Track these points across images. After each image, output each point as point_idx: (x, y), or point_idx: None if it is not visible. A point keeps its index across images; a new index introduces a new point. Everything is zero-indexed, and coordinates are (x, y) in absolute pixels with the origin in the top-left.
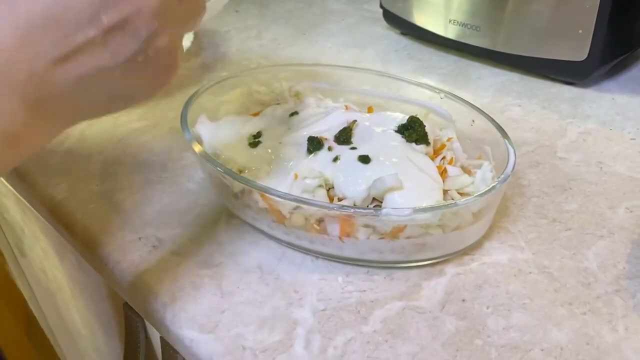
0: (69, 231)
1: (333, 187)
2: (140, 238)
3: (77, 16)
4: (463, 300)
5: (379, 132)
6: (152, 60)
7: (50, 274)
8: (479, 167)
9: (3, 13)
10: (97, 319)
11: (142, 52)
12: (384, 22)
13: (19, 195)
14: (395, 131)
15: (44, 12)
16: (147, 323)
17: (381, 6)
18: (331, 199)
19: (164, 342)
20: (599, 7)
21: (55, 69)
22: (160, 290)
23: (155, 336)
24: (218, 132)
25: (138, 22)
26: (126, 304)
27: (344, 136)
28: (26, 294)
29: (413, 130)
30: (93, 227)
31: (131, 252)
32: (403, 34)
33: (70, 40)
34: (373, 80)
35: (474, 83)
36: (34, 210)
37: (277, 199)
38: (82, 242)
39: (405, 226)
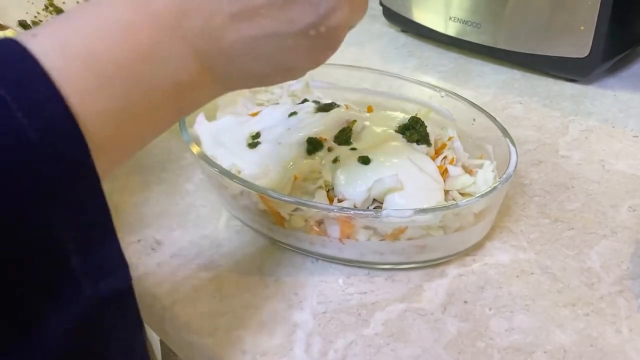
0: None
1: (333, 188)
2: (139, 240)
3: None
4: (465, 302)
5: (379, 132)
6: (322, 37)
7: None
8: (481, 166)
9: None
10: None
11: (316, 26)
12: (384, 20)
13: None
14: (396, 131)
15: None
16: (146, 326)
17: (381, 3)
18: (331, 200)
19: (164, 345)
20: (601, 3)
21: (230, 25)
22: (159, 293)
23: (155, 339)
24: (216, 133)
25: None
26: None
27: (344, 136)
28: None
29: (414, 131)
30: None
31: (130, 254)
32: (403, 31)
33: (252, 1)
34: (373, 79)
35: (475, 81)
36: None
37: (276, 200)
38: None
39: (406, 227)
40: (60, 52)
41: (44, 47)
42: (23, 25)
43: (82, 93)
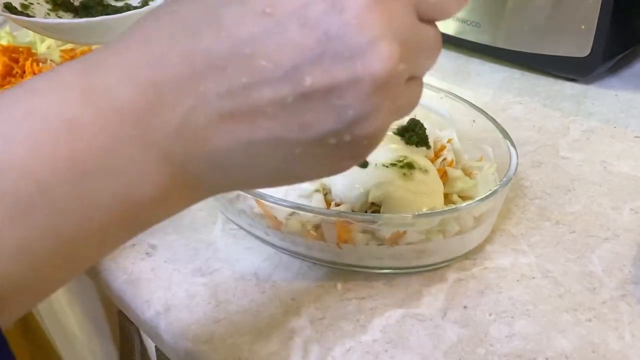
0: None
1: (330, 192)
2: (133, 245)
3: (273, 65)
4: (465, 307)
5: None
6: (344, 147)
7: None
8: (480, 168)
9: (175, 37)
10: (92, 324)
11: (337, 136)
12: None
13: None
14: (395, 133)
15: (230, 48)
16: (142, 332)
17: None
18: (328, 204)
19: (159, 352)
20: (602, 1)
21: (220, 125)
22: (154, 298)
23: (151, 344)
24: None
25: (349, 97)
26: (120, 312)
27: None
28: None
29: (414, 133)
30: None
31: (124, 259)
32: None
33: (254, 94)
34: None
35: (474, 80)
36: None
37: (273, 204)
38: None
39: (405, 232)
40: None
41: None
42: (9, 7)
43: None
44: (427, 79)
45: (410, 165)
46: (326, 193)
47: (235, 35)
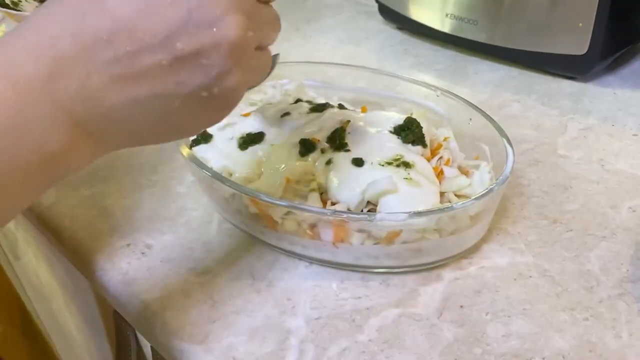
0: (56, 237)
1: (326, 191)
2: (128, 244)
3: (149, 36)
4: (461, 307)
5: (373, 133)
6: (214, 98)
7: (43, 278)
8: (477, 167)
9: (67, 20)
10: (89, 324)
11: (208, 88)
12: (380, 17)
13: None
14: (392, 132)
15: (112, 25)
16: (137, 332)
17: (377, 0)
18: (324, 203)
19: (155, 352)
20: (599, 0)
21: (111, 87)
22: (149, 298)
23: (146, 344)
24: (207, 134)
25: (213, 57)
26: (116, 312)
27: (338, 138)
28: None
29: (410, 132)
30: (81, 233)
31: (120, 259)
32: (399, 28)
33: (136, 60)
34: (368, 77)
35: (472, 78)
36: (23, 216)
37: (268, 204)
38: (70, 249)
39: (401, 231)
40: None
41: None
42: (0, 3)
43: None
44: (424, 76)
45: (406, 164)
46: (322, 192)
47: (117, 15)
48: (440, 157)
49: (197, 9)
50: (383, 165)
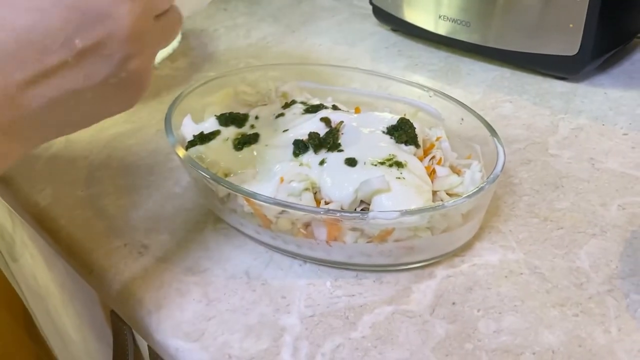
0: (53, 238)
1: (320, 190)
2: (125, 244)
3: (50, 40)
4: (453, 304)
5: (366, 133)
6: (124, 82)
7: (40, 279)
8: (468, 166)
9: None
10: (87, 325)
11: (115, 75)
12: (374, 18)
13: (3, 201)
14: (385, 132)
15: (16, 37)
16: (133, 331)
17: (371, 2)
18: (318, 202)
19: (151, 350)
20: (590, 1)
21: (26, 91)
22: (146, 297)
23: (143, 344)
24: (203, 135)
25: (111, 46)
26: (113, 312)
27: (331, 138)
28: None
29: (403, 132)
30: (78, 233)
31: (117, 259)
32: (393, 30)
33: (43, 63)
34: (362, 78)
35: (465, 79)
36: (19, 216)
37: (263, 203)
38: (67, 249)
39: (394, 229)
40: None
41: None
42: None
43: None
44: (418, 77)
45: (398, 164)
46: (316, 192)
47: (16, 30)
48: (433, 157)
49: (87, 6)
50: (376, 165)
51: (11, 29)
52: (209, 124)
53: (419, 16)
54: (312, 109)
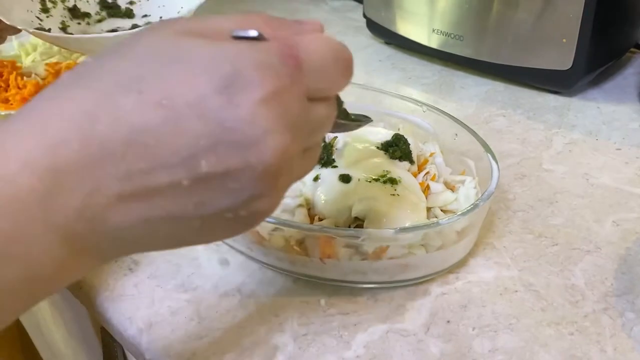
0: None
1: (314, 207)
2: (115, 261)
3: (169, 152)
4: (448, 322)
5: (360, 149)
6: (241, 219)
7: None
8: (463, 182)
9: (74, 122)
10: (77, 339)
11: (233, 211)
12: (368, 32)
13: None
14: (379, 148)
15: (128, 136)
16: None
17: (364, 15)
18: (312, 219)
19: None
20: (583, 16)
21: (118, 205)
22: (136, 315)
23: None
24: None
25: (242, 181)
26: (103, 328)
27: (325, 153)
28: None
29: (397, 148)
30: None
31: (106, 275)
32: (387, 43)
33: (151, 178)
34: (356, 93)
35: (458, 93)
36: None
37: None
38: None
39: (388, 246)
40: None
41: None
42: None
43: None
44: (412, 90)
45: (393, 180)
46: (309, 208)
47: (132, 124)
48: (427, 173)
49: (232, 126)
50: (370, 182)
51: (125, 123)
52: None
53: (412, 30)
54: None
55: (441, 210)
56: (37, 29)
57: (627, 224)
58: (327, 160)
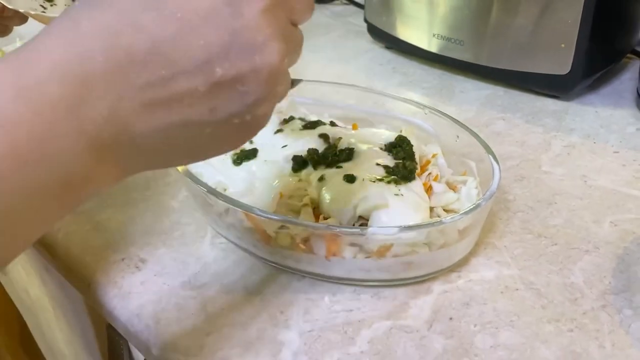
0: (50, 252)
1: (319, 206)
2: (123, 259)
3: (187, 60)
4: (450, 319)
5: (364, 150)
6: (246, 124)
7: (31, 292)
8: (464, 183)
9: (98, 36)
10: (79, 339)
11: (241, 116)
12: (369, 36)
13: None
14: (383, 149)
15: (150, 46)
16: (131, 345)
17: (365, 20)
18: (317, 218)
19: None
20: (581, 21)
21: (142, 112)
22: (144, 312)
23: (140, 358)
24: None
25: (251, 84)
26: (109, 326)
27: (330, 154)
28: None
29: (401, 149)
30: (75, 247)
31: (114, 273)
32: (387, 47)
33: (171, 85)
34: (358, 95)
35: (458, 97)
36: None
37: (262, 218)
38: (64, 263)
39: (392, 245)
40: None
41: None
42: None
43: None
44: (412, 94)
45: (396, 181)
46: (315, 207)
47: (153, 36)
48: (429, 173)
49: (240, 33)
50: (374, 182)
51: (146, 35)
52: None
53: (413, 34)
54: (310, 125)
55: (443, 209)
56: None
57: (625, 224)
58: (331, 161)
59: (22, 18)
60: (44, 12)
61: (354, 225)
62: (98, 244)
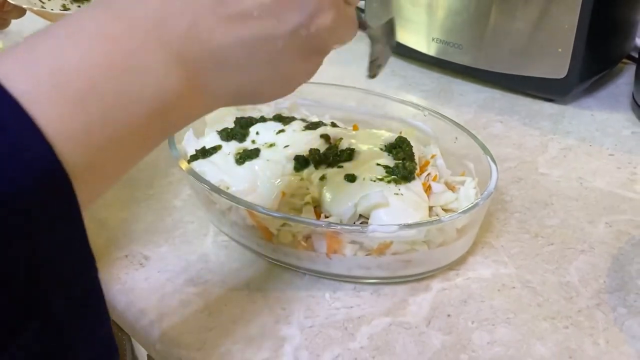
0: None
1: (320, 205)
2: (126, 256)
3: None
4: (448, 316)
5: (365, 150)
6: (311, 37)
7: None
8: (463, 183)
9: None
10: None
11: (306, 26)
12: (368, 39)
13: None
14: (383, 149)
15: None
16: (133, 340)
17: None
18: (318, 216)
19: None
20: (577, 26)
21: (218, 27)
22: (147, 308)
23: (143, 353)
24: (205, 150)
25: None
26: (112, 321)
27: (331, 154)
28: None
29: (401, 150)
30: None
31: (118, 269)
32: None
33: (242, 1)
34: (358, 97)
35: (457, 100)
36: None
37: (265, 216)
38: None
39: (392, 242)
40: (28, 73)
41: (9, 69)
42: None
43: (54, 116)
44: (411, 97)
45: (396, 180)
46: (316, 206)
47: None
48: (428, 174)
49: None
50: (375, 181)
51: None
52: (210, 139)
53: (411, 38)
54: (312, 126)
55: (442, 209)
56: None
57: (619, 225)
58: (332, 160)
59: (20, 11)
60: (43, 7)
61: (354, 223)
62: (101, 241)
